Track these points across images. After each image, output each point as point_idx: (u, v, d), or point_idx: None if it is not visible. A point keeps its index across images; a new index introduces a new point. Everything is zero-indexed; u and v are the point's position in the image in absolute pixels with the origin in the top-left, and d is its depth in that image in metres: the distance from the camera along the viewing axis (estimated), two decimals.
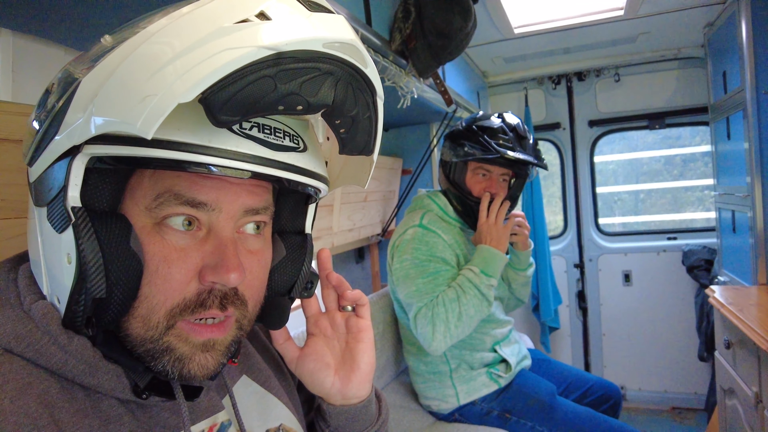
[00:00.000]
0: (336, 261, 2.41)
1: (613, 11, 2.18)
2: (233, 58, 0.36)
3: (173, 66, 0.37)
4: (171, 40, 0.38)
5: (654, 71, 2.96)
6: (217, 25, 0.38)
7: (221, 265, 0.47)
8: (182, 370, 0.48)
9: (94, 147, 0.41)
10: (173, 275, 0.46)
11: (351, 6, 1.29)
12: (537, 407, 1.62)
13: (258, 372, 0.68)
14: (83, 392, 0.46)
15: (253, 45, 0.37)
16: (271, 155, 0.46)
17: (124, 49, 0.40)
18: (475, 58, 2.76)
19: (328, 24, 0.41)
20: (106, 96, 0.39)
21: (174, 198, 0.46)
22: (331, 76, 0.41)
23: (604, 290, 3.18)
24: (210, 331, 0.49)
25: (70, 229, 0.43)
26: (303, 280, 0.63)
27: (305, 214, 0.63)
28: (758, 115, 1.93)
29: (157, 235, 0.46)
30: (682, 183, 3.23)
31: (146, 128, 0.36)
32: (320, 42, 0.39)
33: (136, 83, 0.37)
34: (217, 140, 0.43)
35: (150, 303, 0.46)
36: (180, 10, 0.42)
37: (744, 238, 2.08)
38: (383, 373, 1.88)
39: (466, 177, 1.70)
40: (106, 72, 0.40)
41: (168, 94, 0.36)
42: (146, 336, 0.47)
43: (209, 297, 0.48)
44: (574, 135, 3.19)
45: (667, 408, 3.03)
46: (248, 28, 0.38)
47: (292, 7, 0.41)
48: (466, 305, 1.50)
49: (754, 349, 1.49)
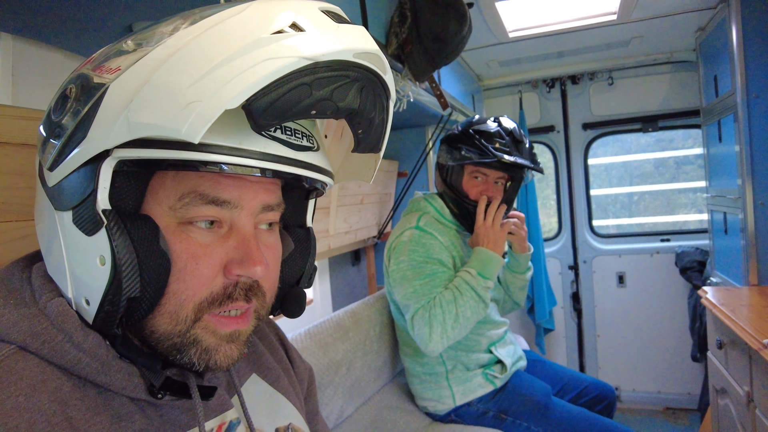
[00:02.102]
0: (332, 263, 2.41)
1: (606, 16, 2.20)
2: (277, 68, 0.39)
3: (216, 74, 0.39)
4: (209, 48, 0.40)
5: (647, 75, 3.00)
6: (255, 36, 0.40)
7: (247, 259, 0.50)
8: (209, 362, 0.50)
9: (123, 150, 0.42)
10: (201, 271, 0.48)
11: (348, 10, 1.30)
12: (532, 408, 1.63)
13: (268, 371, 0.69)
14: (95, 390, 0.47)
15: (294, 56, 0.40)
16: (294, 155, 0.48)
17: (157, 54, 0.42)
18: (470, 61, 2.78)
19: (355, 35, 0.44)
20: (144, 101, 0.40)
21: (199, 198, 0.48)
22: (357, 82, 0.44)
23: (598, 292, 3.20)
24: (235, 323, 0.52)
25: (102, 231, 0.44)
26: (309, 272, 0.65)
27: (305, 208, 0.66)
28: (749, 118, 1.96)
29: (183, 234, 0.48)
30: (675, 185, 3.27)
31: (192, 133, 0.38)
32: (351, 52, 0.43)
33: (177, 90, 0.39)
34: (247, 142, 0.45)
35: (178, 299, 0.48)
36: (209, 19, 0.43)
37: (735, 240, 2.11)
38: (380, 375, 1.89)
39: (463, 180, 1.72)
40: (140, 77, 0.41)
41: (214, 101, 0.38)
42: (174, 330, 0.48)
43: (235, 290, 0.51)
44: (568, 138, 3.22)
45: (661, 408, 3.06)
46: (286, 39, 0.41)
47: (321, 19, 0.44)
48: (463, 307, 1.52)
49: (745, 349, 1.51)
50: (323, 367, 1.55)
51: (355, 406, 1.74)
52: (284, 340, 0.79)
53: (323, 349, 1.57)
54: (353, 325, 1.76)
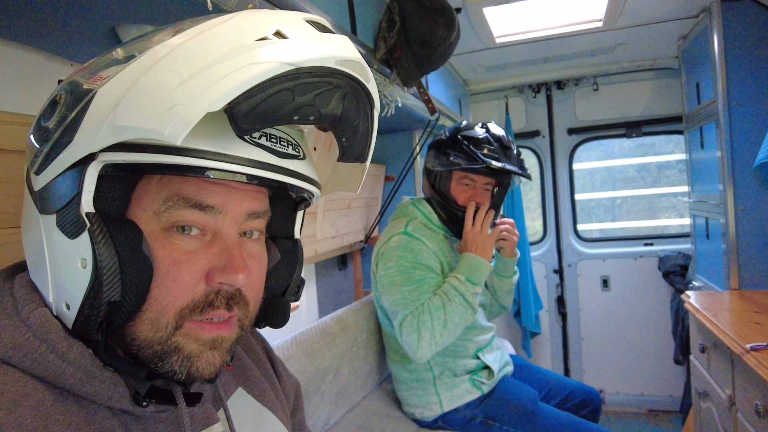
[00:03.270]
0: (319, 268, 2.40)
1: (592, 22, 2.23)
2: (259, 72, 0.40)
3: (200, 78, 0.40)
4: (194, 54, 0.42)
5: (631, 81, 3.04)
6: (239, 42, 0.42)
7: (230, 266, 0.50)
8: (190, 369, 0.49)
9: (109, 154, 0.43)
10: (183, 277, 0.48)
11: (336, 15, 1.30)
12: (519, 413, 1.64)
13: (254, 385, 0.69)
14: (77, 404, 0.47)
15: (276, 60, 0.41)
16: (278, 162, 0.49)
17: (143, 61, 0.43)
18: (457, 66, 2.79)
19: (338, 44, 0.45)
20: (129, 105, 0.41)
21: (183, 201, 0.48)
22: (340, 89, 0.45)
23: (583, 295, 3.23)
24: (218, 328, 0.51)
25: (85, 234, 0.44)
26: (295, 284, 0.65)
27: (294, 219, 0.66)
28: (730, 125, 1.99)
29: (166, 240, 0.48)
30: (657, 190, 3.31)
31: (174, 135, 0.39)
32: (333, 59, 0.44)
33: (161, 93, 0.40)
34: (231, 148, 0.45)
35: (160, 305, 0.48)
36: (195, 28, 0.45)
37: (717, 245, 2.14)
38: (366, 381, 1.88)
39: (451, 186, 1.72)
40: (126, 82, 0.42)
41: (196, 104, 0.39)
42: (154, 338, 0.48)
43: (217, 297, 0.50)
44: (553, 142, 3.25)
45: (644, 411, 3.09)
46: (269, 46, 0.42)
47: (305, 28, 0.45)
48: (452, 313, 1.51)
49: (727, 353, 1.53)
50: (310, 374, 1.53)
51: (342, 413, 1.72)
52: (271, 354, 0.78)
53: (310, 357, 1.56)
54: (340, 331, 1.75)
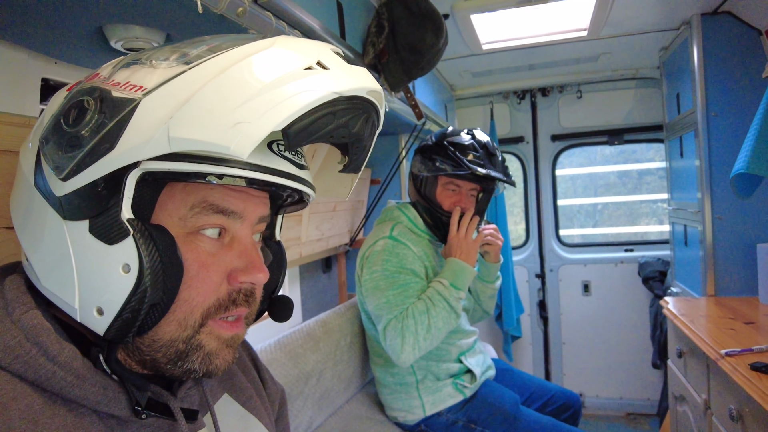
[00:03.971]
0: (303, 271, 2.39)
1: (577, 32, 2.27)
2: (315, 99, 0.45)
3: (263, 99, 0.44)
4: (249, 76, 0.46)
5: (614, 89, 3.09)
6: (289, 69, 0.47)
7: (252, 266, 0.54)
8: (209, 366, 0.53)
9: (153, 163, 0.45)
10: (211, 278, 0.52)
11: (325, 19, 1.30)
12: (501, 418, 1.65)
13: (240, 392, 0.69)
14: (66, 408, 0.47)
15: (328, 89, 0.46)
16: (298, 172, 0.53)
17: (194, 76, 0.46)
18: (444, 71, 2.81)
19: (365, 76, 0.51)
20: (186, 118, 0.44)
21: (210, 208, 0.51)
22: (365, 114, 0.51)
23: (564, 300, 3.27)
24: (235, 327, 0.55)
25: (129, 240, 0.46)
26: (282, 281, 0.69)
27: (275, 222, 0.69)
28: (708, 135, 2.04)
29: (192, 243, 0.51)
30: (639, 197, 3.38)
31: (241, 150, 0.42)
32: (365, 90, 0.50)
33: (223, 110, 0.44)
34: (267, 160, 0.50)
35: (189, 305, 0.51)
36: (238, 50, 0.48)
37: (695, 251, 2.19)
38: (349, 384, 1.88)
39: (437, 191, 1.73)
40: (178, 96, 0.45)
41: (262, 122, 0.43)
42: (180, 337, 0.51)
43: (239, 296, 0.54)
44: (537, 148, 3.29)
45: (623, 414, 3.14)
46: (317, 75, 0.47)
47: (338, 60, 0.51)
48: (436, 318, 1.52)
49: (703, 358, 1.57)
50: (293, 378, 1.53)
51: (325, 416, 1.72)
52: (257, 361, 0.79)
53: (293, 360, 1.55)
54: (324, 335, 1.74)
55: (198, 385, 0.61)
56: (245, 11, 0.93)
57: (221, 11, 0.88)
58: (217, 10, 0.88)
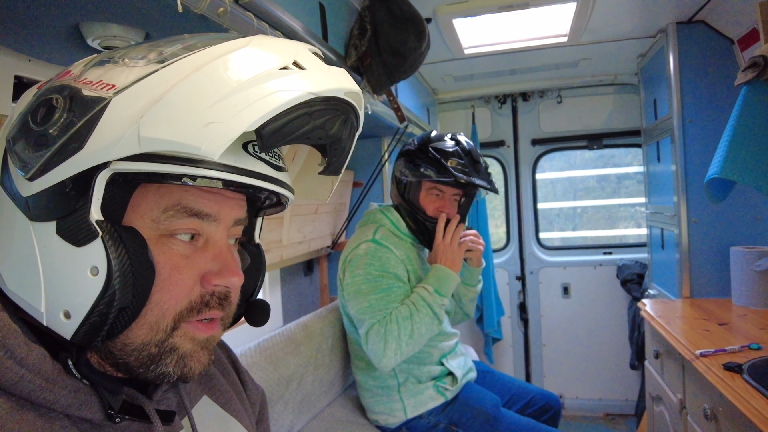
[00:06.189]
0: (284, 274, 2.37)
1: (557, 37, 2.30)
2: (290, 99, 0.44)
3: (236, 98, 0.43)
4: (223, 75, 0.45)
5: (593, 95, 3.15)
6: (264, 69, 0.46)
7: (225, 270, 0.53)
8: (183, 369, 0.51)
9: (122, 163, 0.44)
10: (183, 281, 0.51)
11: (308, 21, 1.29)
12: (482, 419, 1.66)
13: (219, 393, 0.69)
14: (35, 413, 0.45)
15: (303, 90, 0.46)
16: (275, 174, 0.52)
17: (167, 75, 0.45)
18: (426, 75, 2.83)
19: (343, 77, 0.51)
20: (157, 117, 0.43)
21: (184, 211, 0.50)
22: (343, 115, 0.50)
23: (544, 302, 3.31)
24: (210, 329, 0.54)
25: (96, 242, 0.45)
26: (260, 285, 0.68)
27: (254, 225, 0.68)
28: (683, 141, 2.09)
29: (164, 245, 0.50)
30: (617, 201, 3.44)
31: (213, 150, 0.42)
32: (342, 91, 0.49)
33: (195, 109, 0.43)
34: (241, 161, 0.48)
35: (161, 308, 0.49)
36: (213, 48, 0.47)
37: (671, 254, 2.23)
38: (330, 388, 1.87)
39: (420, 196, 1.73)
40: (150, 95, 0.44)
41: (235, 123, 0.42)
42: (152, 340, 0.49)
43: (212, 299, 0.53)
44: (517, 152, 3.32)
45: (601, 415, 3.19)
46: (293, 75, 0.47)
47: (315, 60, 0.51)
48: (419, 323, 1.53)
49: (679, 358, 1.60)
50: (273, 382, 1.51)
51: (306, 420, 1.70)
52: (236, 363, 0.78)
53: (273, 364, 1.54)
54: (305, 338, 1.73)
55: (174, 388, 0.60)
56: (226, 11, 0.92)
57: (202, 11, 0.87)
58: (198, 10, 0.87)
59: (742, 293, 1.87)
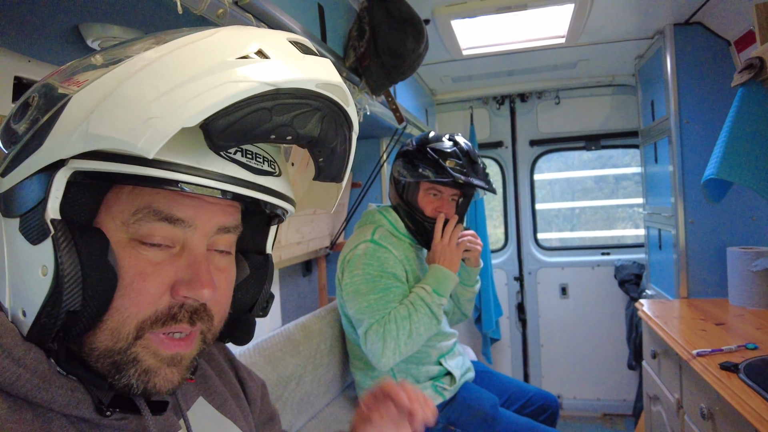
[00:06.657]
0: (283, 274, 2.37)
1: (555, 39, 2.31)
2: (237, 91, 0.40)
3: (178, 92, 0.40)
4: (173, 68, 0.41)
5: (591, 96, 3.16)
6: (220, 59, 0.42)
7: (196, 280, 0.49)
8: (147, 384, 0.48)
9: (79, 162, 0.42)
10: (148, 289, 0.47)
11: (306, 22, 1.30)
12: (480, 419, 1.66)
13: (215, 395, 0.67)
14: (33, 413, 0.45)
15: (256, 80, 0.41)
16: (253, 178, 0.48)
17: (121, 70, 0.43)
18: (424, 76, 2.83)
19: (319, 67, 0.46)
20: (105, 113, 0.40)
21: (153, 214, 0.47)
22: (319, 111, 0.46)
23: (542, 302, 3.31)
24: (177, 346, 0.50)
25: (48, 240, 0.43)
26: (263, 300, 0.64)
27: (266, 234, 0.65)
28: (681, 142, 2.10)
29: (133, 250, 0.47)
30: (615, 201, 3.44)
31: (149, 148, 0.38)
32: (314, 82, 0.44)
33: (138, 104, 0.40)
34: (205, 162, 0.45)
35: (122, 315, 0.47)
36: (177, 41, 0.44)
37: (669, 255, 2.24)
38: (329, 388, 1.87)
39: (419, 196, 1.74)
40: (103, 90, 0.42)
41: (173, 118, 0.39)
42: (114, 348, 0.47)
43: (180, 311, 0.49)
44: (515, 153, 3.33)
45: (599, 415, 3.19)
46: (250, 65, 0.42)
47: (287, 48, 0.46)
48: (417, 323, 1.53)
49: (676, 359, 1.61)
50: (272, 382, 1.51)
51: (304, 420, 1.71)
52: (234, 362, 0.77)
53: (272, 365, 1.54)
54: (304, 338, 1.73)
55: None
56: (225, 13, 0.93)
57: (201, 12, 0.88)
58: (197, 11, 0.87)
59: (739, 293, 1.88)
